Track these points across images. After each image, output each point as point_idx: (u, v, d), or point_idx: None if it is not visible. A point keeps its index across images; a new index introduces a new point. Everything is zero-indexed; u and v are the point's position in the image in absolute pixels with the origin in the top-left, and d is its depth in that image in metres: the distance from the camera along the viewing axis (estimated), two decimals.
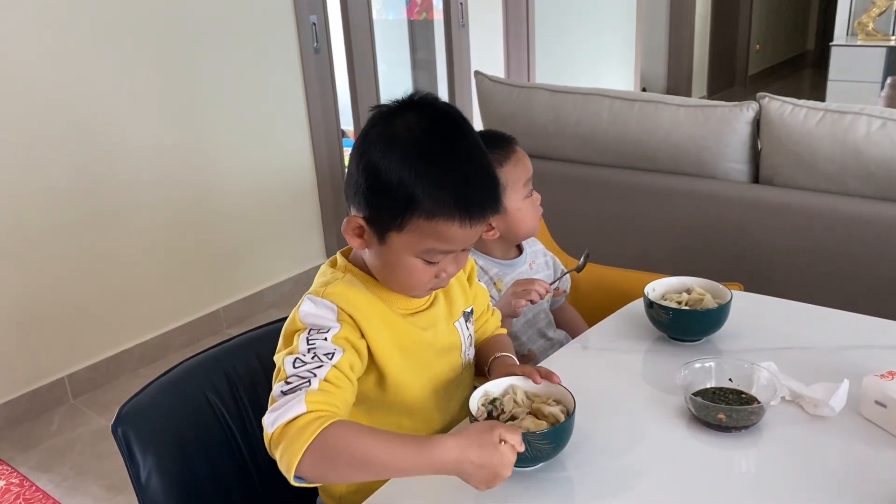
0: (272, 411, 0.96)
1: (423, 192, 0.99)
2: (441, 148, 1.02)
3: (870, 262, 2.05)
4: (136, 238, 2.84)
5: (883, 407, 1.11)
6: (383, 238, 1.05)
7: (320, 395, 0.97)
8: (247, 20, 3.06)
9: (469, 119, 1.10)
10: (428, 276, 1.08)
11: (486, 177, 1.05)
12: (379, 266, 1.10)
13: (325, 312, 1.06)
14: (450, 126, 1.05)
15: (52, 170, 2.57)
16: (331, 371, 1.00)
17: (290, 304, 3.59)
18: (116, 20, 2.65)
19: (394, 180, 1.00)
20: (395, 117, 1.03)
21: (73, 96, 2.59)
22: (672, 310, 1.35)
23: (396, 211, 1.01)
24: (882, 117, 2.05)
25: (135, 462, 1.11)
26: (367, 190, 1.03)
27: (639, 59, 5.89)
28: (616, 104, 2.43)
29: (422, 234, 1.02)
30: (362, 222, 1.06)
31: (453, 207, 1.00)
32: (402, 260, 1.06)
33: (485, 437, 0.93)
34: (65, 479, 2.35)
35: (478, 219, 1.03)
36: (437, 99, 1.08)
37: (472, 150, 1.05)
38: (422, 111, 1.05)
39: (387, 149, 1.01)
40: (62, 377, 2.71)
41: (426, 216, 1.00)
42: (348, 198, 1.08)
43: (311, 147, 3.42)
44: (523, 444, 0.96)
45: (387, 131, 1.02)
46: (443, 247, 1.04)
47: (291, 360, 1.01)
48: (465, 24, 4.27)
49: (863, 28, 5.51)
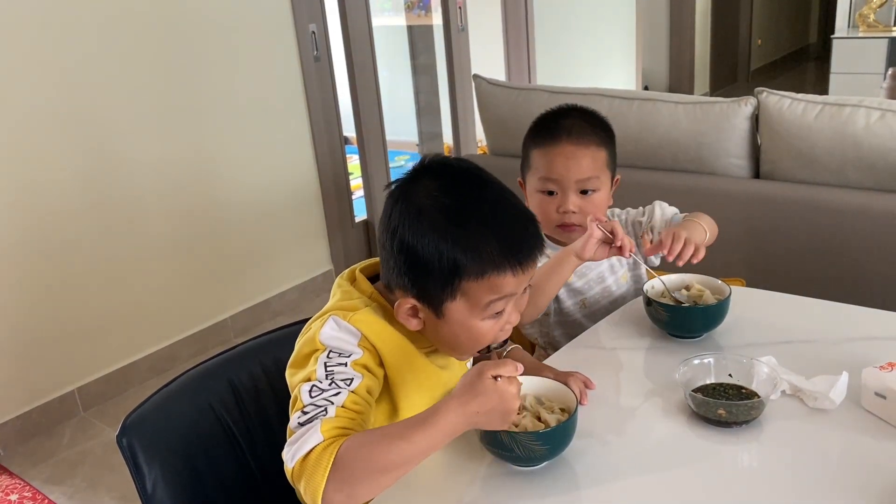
0: (290, 444, 0.96)
1: (465, 257, 0.99)
2: (469, 206, 1.01)
3: (872, 253, 2.05)
4: (143, 250, 2.86)
5: (883, 398, 1.11)
6: (440, 311, 1.03)
7: (336, 421, 0.97)
8: (247, 31, 3.08)
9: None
10: (493, 333, 1.07)
11: (522, 217, 1.05)
12: (441, 337, 1.08)
13: (348, 337, 1.04)
14: (470, 181, 1.04)
15: (60, 184, 2.59)
16: (349, 397, 1.00)
17: (296, 312, 3.54)
18: (119, 34, 2.68)
19: (433, 254, 0.99)
20: (413, 189, 1.02)
21: (77, 110, 2.61)
22: (670, 307, 1.36)
23: (445, 282, 1.00)
24: (881, 109, 2.05)
25: (140, 472, 1.12)
26: (409, 270, 1.02)
27: (640, 58, 5.89)
28: (615, 103, 2.43)
29: (477, 294, 1.01)
30: (414, 301, 1.04)
31: (501, 259, 1.00)
32: (466, 326, 1.04)
33: (477, 384, 0.93)
34: (77, 492, 2.36)
35: (527, 262, 1.02)
36: (448, 158, 1.07)
37: (498, 197, 1.04)
38: (437, 176, 1.04)
39: (416, 224, 1.00)
40: (72, 390, 2.73)
41: (476, 277, 1.00)
42: (391, 282, 1.07)
43: (315, 155, 3.44)
44: (519, 368, 0.95)
45: (410, 207, 1.01)
46: (501, 295, 1.03)
47: (308, 387, 1.00)
48: (465, 27, 4.28)
49: (864, 20, 5.50)
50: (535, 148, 1.51)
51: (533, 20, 4.67)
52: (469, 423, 0.94)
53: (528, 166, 1.53)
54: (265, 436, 1.26)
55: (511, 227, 1.03)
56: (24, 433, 2.61)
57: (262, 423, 1.26)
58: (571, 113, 1.52)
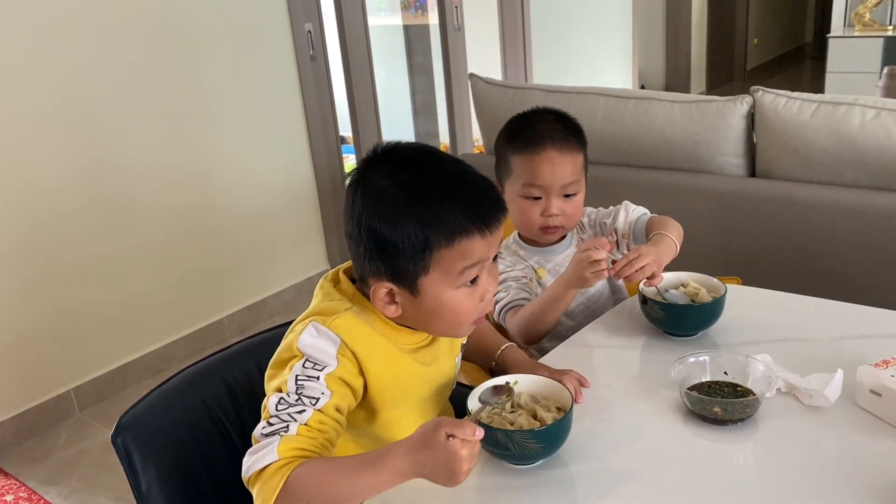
0: (250, 454, 0.98)
1: (432, 228, 0.99)
2: (428, 180, 1.02)
3: (867, 252, 2.05)
4: (139, 250, 2.85)
5: (878, 396, 1.11)
6: (415, 287, 1.03)
7: (295, 441, 0.98)
8: (242, 31, 3.08)
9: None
10: (473, 303, 1.07)
11: (481, 183, 1.05)
12: (422, 317, 1.08)
13: (327, 346, 1.04)
14: (423, 157, 1.06)
15: (55, 184, 2.59)
16: (314, 416, 1.00)
17: (293, 312, 3.56)
18: (114, 36, 2.67)
19: (401, 231, 1.00)
20: (370, 175, 1.03)
21: (73, 112, 2.60)
22: (666, 305, 1.36)
23: (416, 257, 1.01)
24: (875, 107, 2.05)
25: (135, 472, 1.12)
26: (379, 253, 1.02)
27: (636, 57, 5.90)
28: (611, 102, 2.43)
29: (450, 262, 1.02)
30: (389, 285, 1.04)
31: (468, 224, 1.00)
32: (443, 299, 1.04)
33: (430, 437, 0.92)
34: (73, 492, 2.36)
35: (494, 224, 1.03)
36: (398, 142, 1.08)
37: (455, 169, 1.05)
38: (391, 158, 1.05)
39: (379, 206, 1.01)
40: (68, 390, 2.72)
41: (445, 245, 1.00)
42: (364, 273, 1.07)
43: (311, 155, 3.43)
44: (478, 432, 0.91)
45: (370, 190, 1.02)
46: (473, 261, 1.03)
47: (276, 399, 1.01)
48: (461, 27, 4.27)
49: (860, 19, 5.51)
50: (516, 155, 1.51)
51: (529, 19, 4.67)
52: (415, 472, 0.93)
53: (509, 172, 1.53)
54: None
55: (472, 193, 1.04)
56: (19, 433, 2.61)
57: (256, 421, 1.25)
58: (546, 117, 1.53)
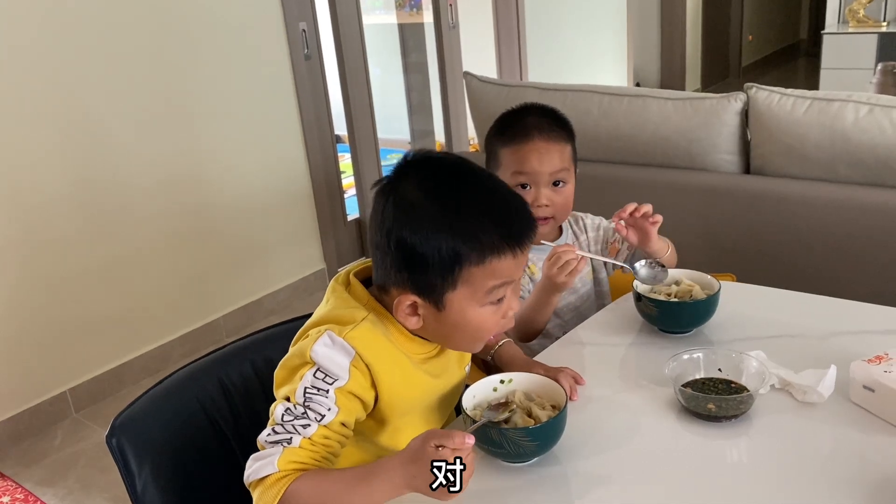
0: (254, 460, 1.00)
1: (465, 245, 0.99)
2: (462, 195, 1.02)
3: (861, 248, 2.06)
4: (134, 250, 2.85)
5: (871, 391, 1.11)
6: (441, 302, 1.02)
7: (297, 454, 0.99)
8: (237, 29, 3.07)
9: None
10: (496, 320, 1.07)
11: (514, 201, 1.05)
12: (443, 331, 1.07)
13: (340, 358, 1.02)
14: (457, 171, 1.04)
15: (50, 184, 2.58)
16: (317, 431, 1.00)
17: (289, 311, 3.53)
18: (109, 34, 2.67)
19: (432, 246, 0.99)
20: (402, 185, 1.02)
21: (67, 108, 2.60)
22: (660, 302, 1.36)
23: (445, 272, 1.00)
24: (869, 103, 2.06)
25: (130, 472, 1.12)
26: (407, 266, 1.01)
27: (631, 55, 5.90)
28: (605, 100, 2.43)
29: (479, 279, 1.01)
30: (414, 297, 1.03)
31: (501, 243, 1.00)
32: (468, 315, 1.04)
33: (419, 449, 0.92)
34: (70, 493, 2.36)
35: (526, 244, 1.03)
36: (431, 151, 1.08)
37: (488, 184, 1.05)
38: (424, 169, 1.04)
39: (411, 219, 1.00)
40: (64, 391, 2.72)
41: (476, 263, 1.00)
42: (387, 283, 1.05)
43: (306, 154, 3.43)
44: (468, 441, 0.91)
45: (402, 202, 1.01)
46: (502, 280, 1.03)
47: (284, 408, 1.02)
48: (456, 25, 4.27)
49: (854, 15, 5.52)
50: (504, 147, 1.54)
51: (524, 17, 4.67)
52: (407, 486, 0.94)
53: (497, 164, 1.55)
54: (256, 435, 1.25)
55: (506, 211, 1.03)
56: (15, 435, 2.60)
57: (252, 422, 1.26)
58: (533, 111, 1.56)
